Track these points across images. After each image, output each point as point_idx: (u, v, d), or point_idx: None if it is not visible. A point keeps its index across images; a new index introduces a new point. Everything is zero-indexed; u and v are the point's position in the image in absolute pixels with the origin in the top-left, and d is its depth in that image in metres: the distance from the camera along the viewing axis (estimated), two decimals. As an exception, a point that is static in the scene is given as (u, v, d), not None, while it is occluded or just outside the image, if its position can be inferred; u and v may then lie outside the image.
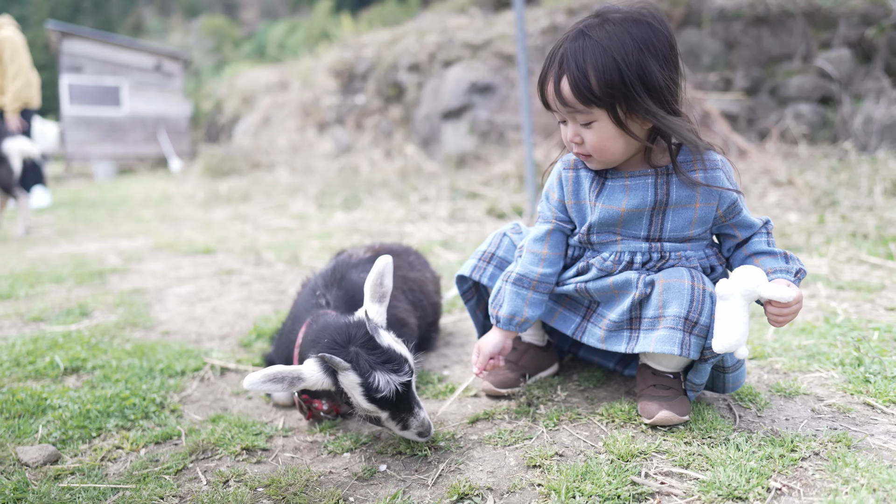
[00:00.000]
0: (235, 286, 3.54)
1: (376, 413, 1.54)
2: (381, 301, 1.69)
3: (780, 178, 5.40)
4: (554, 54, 1.52)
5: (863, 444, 1.45)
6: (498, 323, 1.74)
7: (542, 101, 1.59)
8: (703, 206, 1.57)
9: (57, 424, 1.82)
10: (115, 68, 17.15)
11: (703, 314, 1.51)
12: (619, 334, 1.63)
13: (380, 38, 11.64)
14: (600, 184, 1.63)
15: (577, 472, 1.39)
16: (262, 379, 1.46)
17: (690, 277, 1.54)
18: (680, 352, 1.50)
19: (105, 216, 7.05)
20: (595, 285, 1.65)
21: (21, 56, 7.29)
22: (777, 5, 7.40)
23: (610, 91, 1.45)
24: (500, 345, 1.75)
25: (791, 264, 1.57)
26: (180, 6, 47.69)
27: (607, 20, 1.48)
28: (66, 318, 2.92)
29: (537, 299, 1.71)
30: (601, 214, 1.61)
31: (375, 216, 5.98)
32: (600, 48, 1.44)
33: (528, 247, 1.73)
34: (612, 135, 1.51)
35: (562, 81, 1.49)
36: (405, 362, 1.55)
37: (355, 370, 1.51)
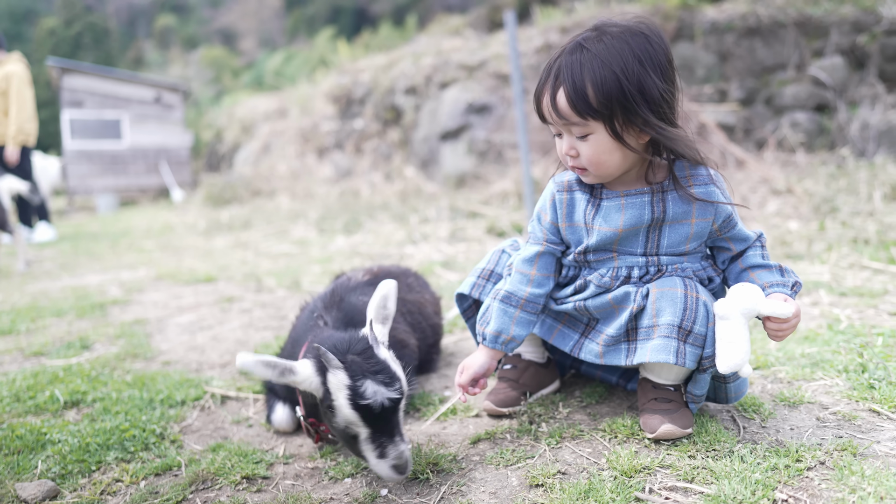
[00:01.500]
0: (236, 313, 3.53)
1: (356, 427, 1.48)
2: (384, 322, 1.67)
3: (779, 187, 5.40)
4: (550, 67, 1.52)
5: (869, 451, 1.43)
6: (484, 340, 1.73)
7: (538, 114, 1.59)
8: (700, 222, 1.57)
9: (56, 459, 1.80)
10: (115, 102, 17.34)
11: (698, 322, 1.51)
12: (617, 348, 1.62)
13: (376, 63, 11.76)
14: (596, 205, 1.62)
15: (580, 489, 1.38)
16: (255, 361, 1.48)
17: (683, 286, 1.54)
18: (675, 360, 1.48)
19: (107, 248, 7.08)
20: (594, 302, 1.64)
21: (27, 91, 7.49)
22: (768, 16, 7.46)
23: (608, 103, 1.44)
24: (485, 365, 1.73)
25: (787, 277, 1.57)
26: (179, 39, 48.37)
27: (605, 33, 1.48)
28: (67, 351, 2.92)
29: (525, 319, 1.70)
30: (599, 237, 1.60)
31: (376, 239, 5.99)
32: (599, 61, 1.44)
33: (518, 267, 1.72)
34: (609, 148, 1.50)
35: (558, 94, 1.49)
36: (398, 380, 1.51)
37: (346, 371, 1.49)
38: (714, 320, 1.51)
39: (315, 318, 1.97)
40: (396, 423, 1.50)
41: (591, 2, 9.34)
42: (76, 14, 45.05)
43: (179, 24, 52.36)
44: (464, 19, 13.55)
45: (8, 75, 7.33)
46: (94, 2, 52.09)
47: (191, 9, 56.14)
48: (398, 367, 1.56)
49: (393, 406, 1.48)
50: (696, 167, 1.58)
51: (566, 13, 9.43)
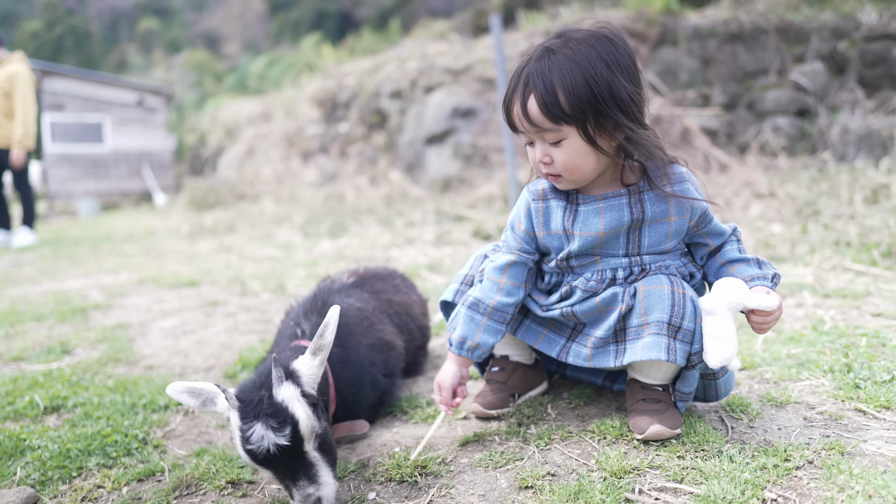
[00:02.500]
0: (220, 317, 3.49)
1: (253, 467, 1.42)
2: (316, 353, 1.54)
3: (761, 191, 5.45)
4: (519, 75, 1.51)
5: (856, 450, 1.44)
6: (451, 346, 1.72)
7: (508, 124, 1.58)
8: (678, 219, 1.58)
9: (36, 465, 1.77)
10: (97, 105, 17.17)
11: (686, 318, 1.51)
12: (606, 350, 1.62)
13: (361, 67, 11.74)
14: (573, 211, 1.61)
15: (569, 491, 1.37)
16: (182, 388, 1.46)
17: (670, 283, 1.54)
18: (667, 357, 1.48)
19: (88, 253, 6.98)
20: (582, 307, 1.63)
21: (31, 94, 7.46)
22: (750, 22, 7.54)
23: (579, 107, 1.44)
24: (456, 375, 1.72)
25: (765, 269, 1.59)
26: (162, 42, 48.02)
27: (570, 39, 1.49)
28: (47, 356, 2.87)
29: (492, 327, 1.68)
30: (581, 242, 1.60)
31: (361, 242, 5.96)
32: (567, 66, 1.44)
33: (489, 274, 1.70)
34: (583, 152, 1.50)
35: (529, 101, 1.48)
36: (288, 425, 1.38)
37: (239, 412, 1.42)
38: (701, 316, 1.52)
39: (292, 326, 1.95)
40: (301, 466, 1.40)
41: (576, 6, 9.40)
42: (58, 17, 44.61)
43: (162, 28, 51.98)
44: (449, 24, 13.56)
45: (11, 76, 7.28)
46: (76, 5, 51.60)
47: (174, 12, 55.76)
48: (301, 408, 1.42)
49: (287, 451, 1.38)
50: (671, 166, 1.59)
51: (551, 18, 9.48)
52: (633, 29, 7.93)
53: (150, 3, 54.59)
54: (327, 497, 1.39)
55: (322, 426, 1.46)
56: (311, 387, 1.50)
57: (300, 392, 1.45)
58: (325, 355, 1.54)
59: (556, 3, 10.34)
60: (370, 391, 1.91)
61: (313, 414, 1.44)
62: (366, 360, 1.92)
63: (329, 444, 1.49)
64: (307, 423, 1.41)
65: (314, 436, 1.43)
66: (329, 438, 1.51)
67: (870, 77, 6.93)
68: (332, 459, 1.48)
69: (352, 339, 1.93)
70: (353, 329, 1.96)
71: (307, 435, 1.41)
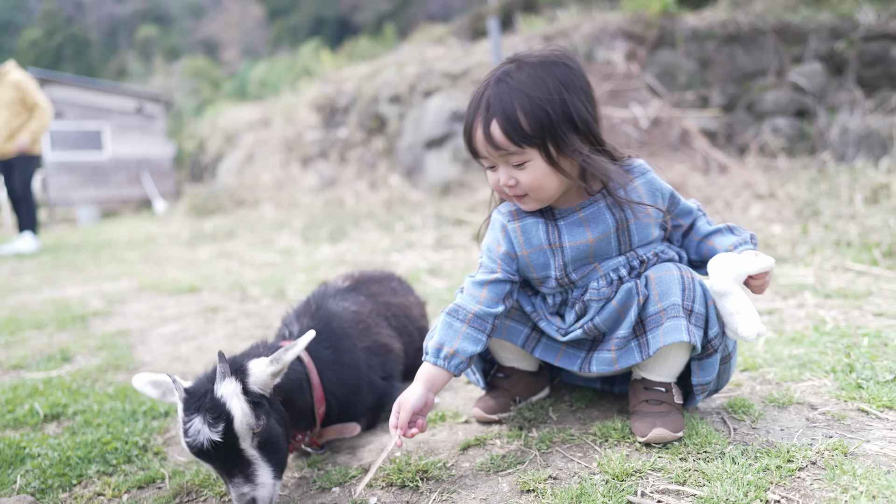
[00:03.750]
0: (221, 323, 3.49)
1: (193, 460, 1.42)
2: (273, 362, 1.51)
3: (761, 192, 5.45)
4: (479, 101, 1.51)
5: (859, 450, 1.43)
6: (426, 355, 1.61)
7: (469, 151, 1.57)
8: (654, 209, 1.63)
9: (36, 473, 1.76)
10: (96, 112, 17.20)
11: (696, 302, 1.53)
12: (629, 349, 1.61)
13: (360, 72, 11.76)
14: (555, 227, 1.61)
15: (571, 494, 1.36)
16: (146, 380, 1.53)
17: (678, 269, 1.57)
18: (688, 338, 1.49)
19: (88, 260, 6.98)
20: (602, 317, 1.62)
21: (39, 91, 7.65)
22: (748, 23, 7.55)
23: (540, 129, 1.46)
24: (422, 398, 1.55)
25: (741, 234, 1.66)
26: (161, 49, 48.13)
27: (525, 63, 1.51)
28: (47, 363, 2.86)
29: (471, 335, 1.60)
30: (574, 252, 1.60)
31: (361, 247, 5.96)
32: (524, 89, 1.46)
33: (468, 289, 1.66)
34: (547, 173, 1.51)
35: (491, 125, 1.48)
36: (222, 421, 1.38)
37: (183, 404, 1.43)
38: (711, 299, 1.56)
39: (283, 327, 1.96)
40: (238, 463, 1.40)
41: (574, 10, 9.42)
42: (57, 25, 44.73)
43: (161, 35, 52.11)
44: (447, 28, 13.59)
45: (18, 83, 7.45)
46: (75, 13, 51.75)
47: (173, 19, 55.91)
48: (238, 404, 1.41)
49: (221, 447, 1.37)
50: (630, 161, 1.63)
51: (549, 21, 9.49)
52: (631, 31, 7.94)
53: (148, 11, 54.75)
54: (262, 498, 1.38)
55: (262, 424, 1.44)
56: (259, 386, 1.49)
57: (242, 389, 1.45)
58: (281, 367, 1.52)
59: (554, 7, 10.36)
60: (367, 394, 1.90)
61: (253, 412, 1.43)
62: (362, 363, 1.91)
63: (274, 444, 1.47)
64: (242, 421, 1.40)
65: (252, 434, 1.42)
66: (274, 438, 1.48)
67: (868, 77, 6.94)
68: (276, 460, 1.46)
69: (347, 342, 1.92)
70: (349, 332, 1.95)
71: (242, 432, 1.40)
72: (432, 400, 1.59)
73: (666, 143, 6.84)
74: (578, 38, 8.07)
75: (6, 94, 7.41)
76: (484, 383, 1.91)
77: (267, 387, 1.52)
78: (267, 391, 1.52)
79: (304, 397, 1.72)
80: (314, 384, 1.75)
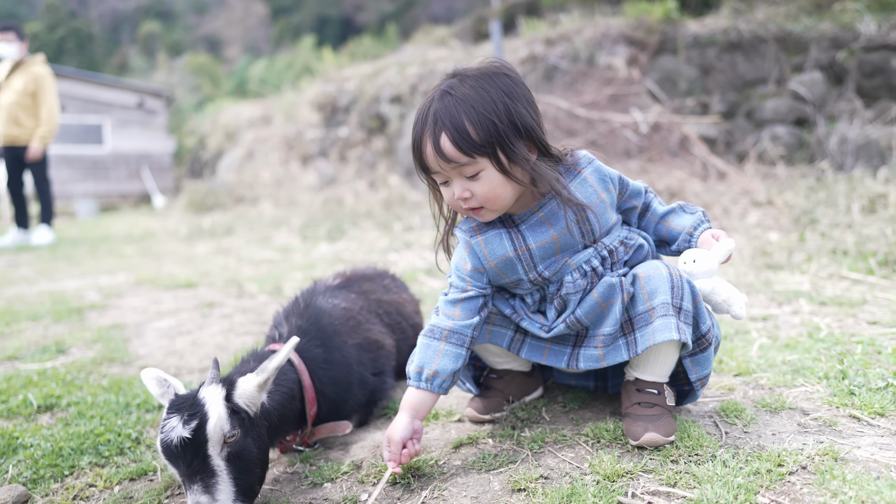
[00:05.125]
0: (217, 319, 3.49)
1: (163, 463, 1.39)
2: (260, 374, 1.50)
3: (759, 199, 5.46)
4: (425, 117, 1.51)
5: (850, 456, 1.43)
6: (409, 380, 1.63)
7: (419, 166, 1.56)
8: (606, 194, 1.65)
9: (28, 464, 1.76)
10: (97, 107, 17.18)
11: (685, 300, 1.54)
12: (616, 346, 1.61)
13: (362, 72, 11.77)
14: (518, 232, 1.62)
15: (562, 494, 1.36)
16: (154, 375, 1.54)
17: (666, 266, 1.58)
18: (679, 336, 1.49)
19: (86, 254, 6.97)
20: (583, 309, 1.62)
21: (56, 95, 7.73)
22: (749, 31, 7.57)
23: (489, 139, 1.47)
24: (408, 428, 1.55)
25: (695, 213, 1.75)
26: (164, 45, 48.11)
27: (466, 76, 1.52)
28: (42, 355, 2.86)
29: (450, 351, 1.60)
30: (540, 252, 1.62)
31: (359, 246, 5.96)
32: (469, 100, 1.47)
33: (442, 308, 1.67)
34: (500, 181, 1.51)
35: (441, 138, 1.47)
36: (196, 419, 1.36)
37: (169, 404, 1.44)
38: (698, 296, 1.58)
39: (272, 328, 1.96)
40: (201, 470, 1.35)
41: (576, 14, 9.43)
42: (60, 19, 44.68)
43: (164, 31, 52.09)
44: (449, 30, 13.60)
45: (37, 77, 7.48)
46: (77, 7, 51.72)
47: (176, 15, 55.90)
48: (217, 408, 1.40)
49: (189, 446, 1.35)
50: (574, 155, 1.66)
51: (551, 25, 9.50)
52: (632, 37, 7.96)
53: (151, 6, 54.73)
54: None
55: (235, 434, 1.40)
56: (245, 399, 1.47)
57: (225, 396, 1.44)
58: (267, 376, 1.50)
59: (557, 11, 10.37)
60: (358, 390, 1.90)
61: (229, 419, 1.40)
62: (353, 360, 1.91)
63: (245, 462, 1.41)
64: (216, 424, 1.37)
65: (224, 441, 1.38)
66: (247, 456, 1.43)
67: (868, 87, 6.95)
68: (244, 482, 1.39)
69: (337, 339, 1.92)
70: (339, 329, 1.95)
71: (214, 436, 1.36)
72: (420, 426, 1.59)
73: (665, 149, 6.85)
74: (580, 42, 8.09)
75: (21, 81, 7.42)
76: (476, 389, 1.91)
77: (254, 400, 1.49)
78: (253, 407, 1.48)
79: (295, 404, 1.71)
80: (305, 386, 1.74)
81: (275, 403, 1.61)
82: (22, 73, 7.48)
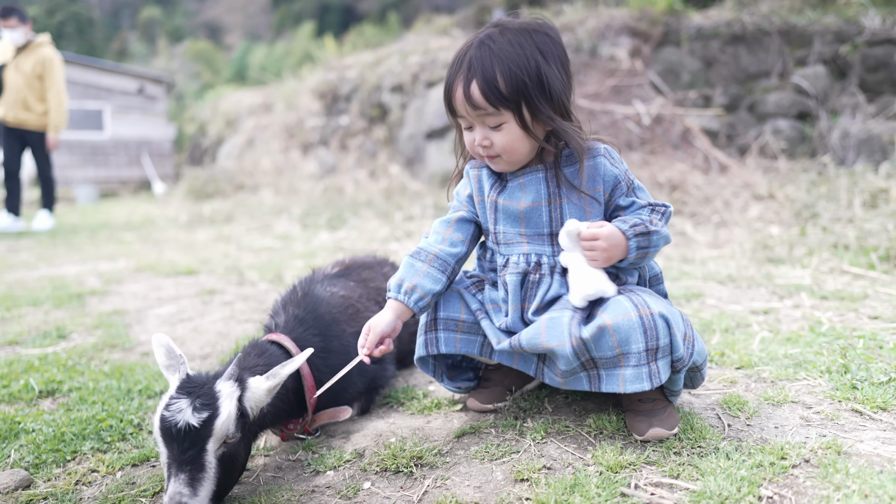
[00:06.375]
0: (217, 306, 3.49)
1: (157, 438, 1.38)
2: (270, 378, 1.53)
3: (761, 192, 5.45)
4: (461, 61, 1.57)
5: (853, 450, 1.44)
6: (388, 292, 1.69)
7: (448, 109, 1.62)
8: (592, 192, 1.62)
9: (30, 448, 1.76)
10: (97, 92, 17.10)
11: (661, 337, 1.46)
12: (577, 377, 1.58)
13: (363, 60, 11.71)
14: (502, 184, 1.68)
15: (565, 484, 1.37)
16: (164, 342, 1.55)
17: (634, 307, 1.48)
18: (651, 385, 1.47)
19: (86, 239, 6.96)
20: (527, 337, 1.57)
21: (63, 77, 7.60)
22: (753, 24, 7.53)
23: (516, 94, 1.51)
24: (391, 324, 1.64)
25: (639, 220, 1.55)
26: (164, 31, 47.84)
27: (507, 29, 1.56)
28: (43, 340, 2.86)
29: (432, 275, 1.67)
30: (504, 211, 1.67)
31: (360, 235, 5.96)
32: (504, 53, 1.52)
33: (435, 227, 1.77)
34: (520, 136, 1.57)
35: (472, 85, 1.53)
36: (207, 411, 1.37)
37: (179, 383, 1.46)
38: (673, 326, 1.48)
39: (270, 318, 1.97)
40: (192, 461, 1.34)
41: (579, 4, 9.37)
42: (59, 3, 44.38)
43: (165, 16, 51.77)
44: (451, 19, 13.51)
45: (44, 60, 7.35)
46: (77, -9, 51.33)
47: (176, 1, 55.55)
48: (229, 407, 1.41)
49: (191, 435, 1.35)
50: (591, 143, 1.65)
51: (554, 15, 9.45)
52: (635, 28, 7.92)
53: (152, -8, 54.34)
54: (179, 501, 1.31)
55: (236, 438, 1.42)
56: (252, 403, 1.49)
57: (239, 397, 1.45)
58: (278, 381, 1.52)
59: (560, 1, 10.31)
60: (357, 378, 1.90)
61: (238, 422, 1.43)
62: (351, 348, 1.91)
63: (231, 465, 1.43)
64: (225, 422, 1.39)
65: (224, 441, 1.40)
66: (236, 460, 1.45)
67: (871, 82, 6.93)
68: (225, 483, 1.42)
69: (335, 327, 1.92)
70: (337, 317, 1.95)
71: (218, 434, 1.38)
72: (400, 326, 1.67)
73: (667, 141, 6.83)
74: (583, 32, 8.05)
75: (29, 63, 7.28)
76: (468, 383, 1.91)
77: (260, 404, 1.51)
78: (256, 411, 1.50)
79: (289, 397, 1.71)
80: (304, 375, 1.75)
81: (271, 405, 1.62)
82: (29, 54, 7.33)
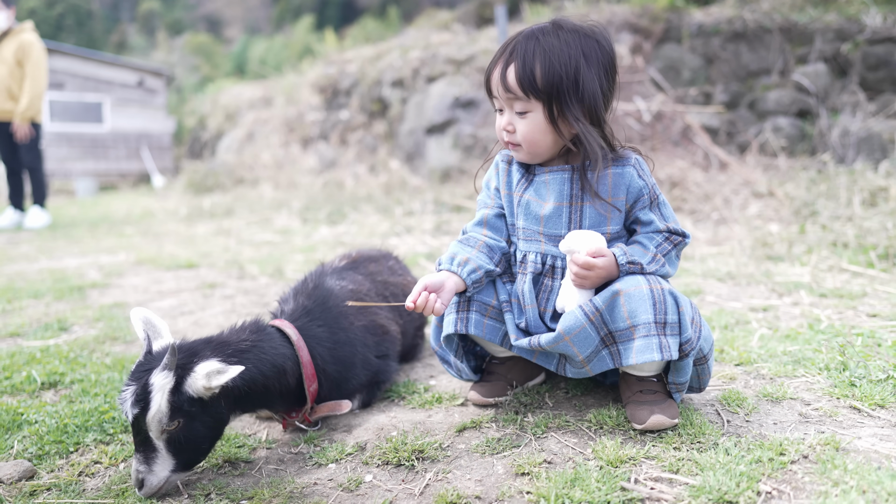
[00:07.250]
0: (218, 300, 3.49)
1: None
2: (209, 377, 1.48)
3: (760, 190, 5.46)
4: (507, 46, 1.63)
5: (851, 446, 1.45)
6: (439, 266, 1.70)
7: (486, 88, 1.68)
8: (615, 200, 1.65)
9: (33, 440, 1.77)
10: (97, 84, 17.07)
11: (669, 312, 1.51)
12: (601, 357, 1.61)
13: (363, 54, 11.68)
14: (529, 179, 1.73)
15: (565, 478, 1.38)
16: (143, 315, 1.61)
17: (647, 281, 1.55)
18: (661, 356, 1.49)
19: (86, 232, 6.96)
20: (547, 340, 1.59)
21: (43, 65, 7.21)
22: (754, 21, 7.53)
23: (549, 87, 1.56)
24: (440, 282, 1.63)
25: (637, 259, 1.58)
26: (164, 24, 47.70)
27: (560, 27, 1.61)
28: (45, 332, 2.87)
29: (483, 255, 1.72)
30: (526, 206, 1.71)
31: (360, 230, 5.96)
32: (549, 47, 1.57)
33: (470, 230, 1.81)
34: (543, 129, 1.61)
35: (509, 68, 1.59)
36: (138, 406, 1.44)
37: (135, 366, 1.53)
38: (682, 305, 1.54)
39: (278, 304, 1.99)
40: (145, 444, 1.46)
41: (581, 1, 9.36)
42: (58, -6, 44.19)
43: (164, 9, 51.62)
44: (452, 14, 13.50)
45: (24, 45, 7.01)
46: (76, -17, 51.11)
47: (176, -6, 55.32)
48: (158, 400, 1.43)
49: (134, 425, 1.46)
50: (624, 151, 1.68)
51: (555, 10, 9.43)
52: (637, 24, 7.91)
53: (151, -16, 54.12)
54: (149, 484, 1.45)
55: (175, 425, 1.46)
56: (194, 388, 1.47)
57: (173, 387, 1.45)
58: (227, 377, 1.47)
59: (562, -3, 10.29)
60: (361, 371, 1.92)
61: (169, 413, 1.45)
62: (357, 341, 1.93)
63: (188, 443, 1.48)
64: (154, 417, 1.44)
65: (162, 430, 1.46)
66: (190, 438, 1.49)
67: (872, 80, 6.93)
68: (185, 458, 1.49)
69: (343, 320, 1.93)
70: (345, 310, 1.96)
71: (152, 426, 1.45)
72: (451, 287, 1.64)
73: (667, 138, 6.84)
74: (585, 29, 8.03)
75: (9, 50, 6.99)
76: (476, 376, 1.91)
77: (206, 392, 1.49)
78: (207, 394, 1.50)
79: (285, 381, 1.71)
80: (304, 362, 1.75)
81: (250, 378, 1.59)
82: (11, 41, 7.03)
